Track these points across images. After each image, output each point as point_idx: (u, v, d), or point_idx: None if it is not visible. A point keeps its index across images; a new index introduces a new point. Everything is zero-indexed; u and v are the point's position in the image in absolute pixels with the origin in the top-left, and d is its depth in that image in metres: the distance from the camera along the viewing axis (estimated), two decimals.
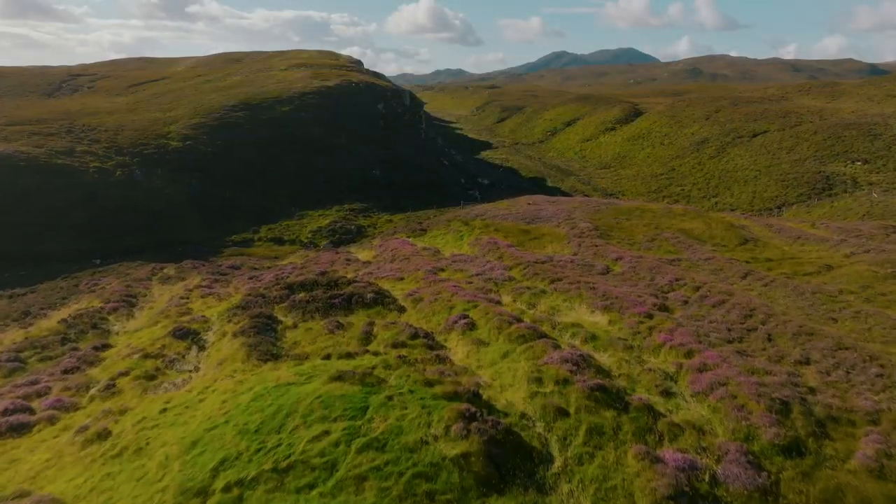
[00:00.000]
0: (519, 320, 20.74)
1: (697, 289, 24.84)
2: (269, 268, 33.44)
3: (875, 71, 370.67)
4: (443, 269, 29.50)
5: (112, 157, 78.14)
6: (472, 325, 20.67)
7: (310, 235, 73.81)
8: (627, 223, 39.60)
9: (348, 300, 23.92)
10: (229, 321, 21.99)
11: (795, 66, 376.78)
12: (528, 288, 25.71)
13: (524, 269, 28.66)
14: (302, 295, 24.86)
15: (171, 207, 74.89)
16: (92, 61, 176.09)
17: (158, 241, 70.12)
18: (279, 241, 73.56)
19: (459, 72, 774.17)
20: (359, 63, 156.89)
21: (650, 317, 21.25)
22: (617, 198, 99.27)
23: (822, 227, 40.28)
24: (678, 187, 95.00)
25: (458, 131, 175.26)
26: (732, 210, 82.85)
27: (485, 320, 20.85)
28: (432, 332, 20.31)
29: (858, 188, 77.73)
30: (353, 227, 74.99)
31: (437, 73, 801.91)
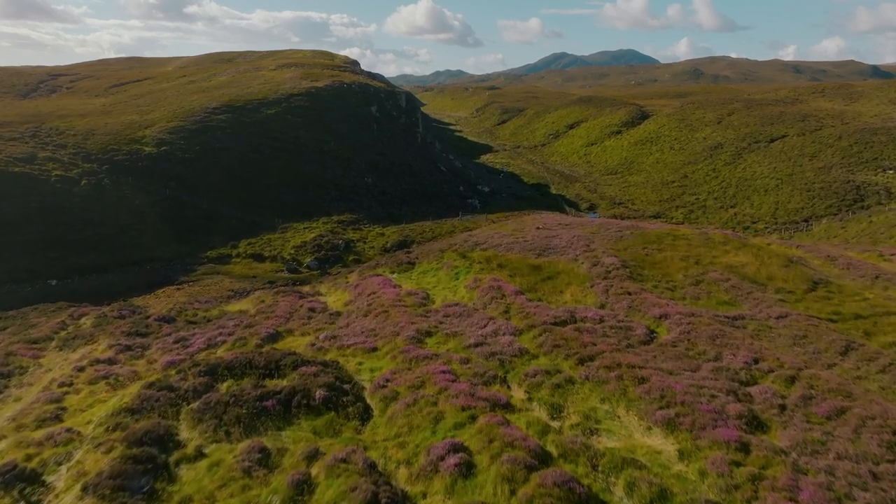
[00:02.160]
0: (542, 458, 12.89)
1: (792, 380, 17.04)
2: (210, 320, 25.60)
3: (878, 72, 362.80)
4: (430, 333, 21.65)
5: (78, 164, 70.30)
6: (467, 468, 12.80)
7: (293, 251, 65.98)
8: (660, 255, 31.75)
9: (287, 402, 16.05)
10: (98, 445, 14.14)
11: (797, 68, 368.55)
12: (548, 372, 17.83)
13: (539, 335, 20.80)
14: (225, 387, 17.01)
15: (142, 220, 67.12)
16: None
17: (124, 259, 62.37)
18: (259, 258, 65.73)
19: (459, 72, 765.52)
20: (355, 63, 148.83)
21: (745, 449, 13.40)
22: (626, 206, 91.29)
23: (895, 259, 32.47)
24: (692, 196, 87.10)
25: (458, 133, 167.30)
26: (754, 223, 74.99)
27: (487, 456, 13.01)
28: (405, 491, 12.40)
29: (894, 199, 69.87)
30: (340, 241, 67.15)
31: (437, 73, 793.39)
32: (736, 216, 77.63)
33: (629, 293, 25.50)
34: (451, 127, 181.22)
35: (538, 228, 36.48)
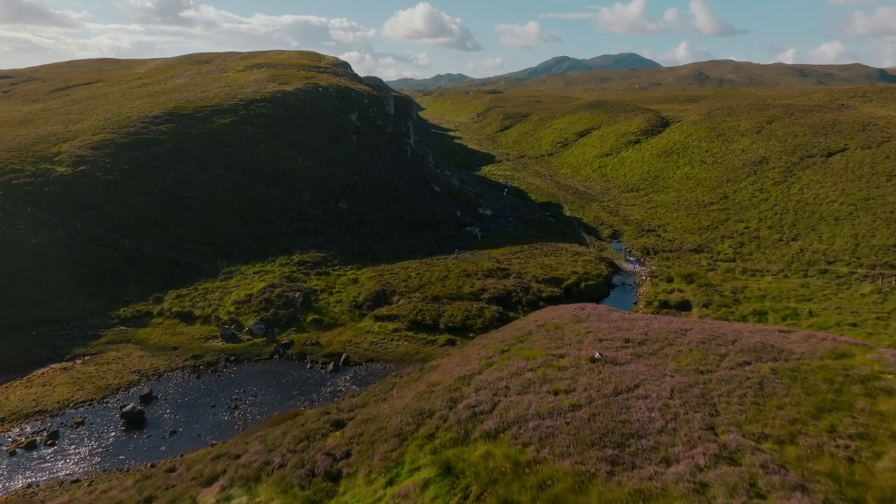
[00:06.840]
0: None
1: None
2: None
3: (884, 76, 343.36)
4: None
5: None
6: None
7: (233, 309, 47.50)
8: (880, 465, 13.64)
9: None
10: None
11: (803, 71, 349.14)
12: None
13: None
14: None
15: (39, 265, 48.96)
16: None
17: (3, 323, 44.13)
18: (187, 318, 47.19)
19: (460, 76, 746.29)
20: (345, 65, 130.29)
21: None
22: (657, 235, 72.03)
23: None
24: (739, 223, 68.55)
25: (457, 141, 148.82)
26: (830, 263, 56.41)
27: None
28: None
29: None
30: (297, 294, 48.73)
31: (438, 77, 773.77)
32: (803, 253, 59.06)
33: None
34: (450, 133, 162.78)
35: (594, 360, 18.19)
